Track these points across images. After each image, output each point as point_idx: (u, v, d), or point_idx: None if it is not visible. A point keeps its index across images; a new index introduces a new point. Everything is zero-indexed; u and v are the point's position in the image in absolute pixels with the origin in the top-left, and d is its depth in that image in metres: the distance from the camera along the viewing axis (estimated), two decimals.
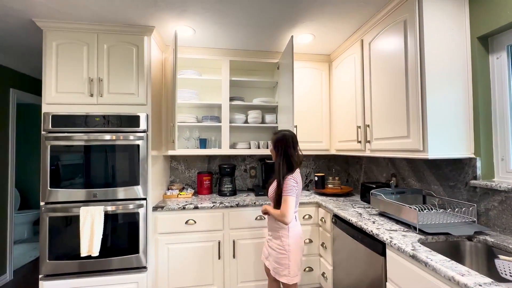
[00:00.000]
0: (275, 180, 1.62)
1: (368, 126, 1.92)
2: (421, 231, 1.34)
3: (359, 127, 2.04)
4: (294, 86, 2.05)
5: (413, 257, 1.10)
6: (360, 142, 2.02)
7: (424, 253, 1.09)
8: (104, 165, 1.84)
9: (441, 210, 1.56)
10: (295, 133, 2.27)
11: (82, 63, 1.87)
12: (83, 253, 1.72)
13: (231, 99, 2.53)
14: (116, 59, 1.91)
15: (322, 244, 2.10)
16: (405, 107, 1.52)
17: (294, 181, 1.52)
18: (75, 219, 1.77)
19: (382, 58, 1.76)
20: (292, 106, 1.99)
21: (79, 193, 1.81)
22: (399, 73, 1.57)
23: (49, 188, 1.79)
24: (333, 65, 2.56)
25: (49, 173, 1.79)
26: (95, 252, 1.73)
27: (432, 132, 1.39)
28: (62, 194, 1.80)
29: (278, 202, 1.54)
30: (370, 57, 1.90)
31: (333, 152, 2.57)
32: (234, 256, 2.06)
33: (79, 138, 1.82)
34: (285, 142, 1.59)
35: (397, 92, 1.59)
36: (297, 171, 1.60)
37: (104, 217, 1.79)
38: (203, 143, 2.54)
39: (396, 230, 1.39)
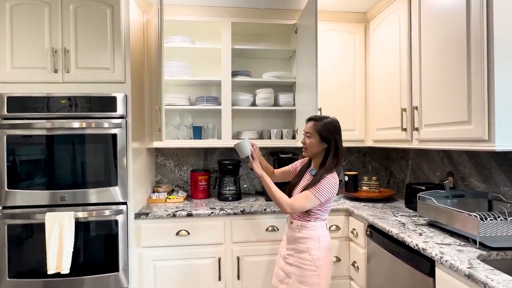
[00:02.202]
0: (301, 179, 1.73)
1: (416, 108, 1.94)
2: (483, 246, 1.37)
3: (404, 109, 2.05)
4: (318, 55, 2.08)
5: (469, 277, 1.14)
6: (405, 130, 2.05)
7: (484, 272, 1.14)
8: (72, 160, 1.95)
9: (511, 219, 1.59)
10: None
11: (43, 30, 1.96)
12: (51, 270, 1.85)
13: (234, 74, 2.58)
14: (86, 24, 1.98)
15: (353, 264, 2.17)
16: (466, 83, 1.53)
17: (336, 182, 1.61)
18: (40, 228, 1.89)
19: (436, 17, 1.76)
20: (316, 82, 2.03)
21: (43, 196, 1.93)
22: (459, 38, 1.58)
23: (6, 189, 1.91)
24: (370, 26, 2.56)
25: (6, 170, 1.91)
26: (65, 269, 1.85)
27: (501, 115, 1.41)
28: (23, 197, 1.92)
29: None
30: (420, 15, 1.90)
31: (369, 143, 2.60)
32: (238, 278, 2.15)
33: (41, 126, 1.92)
34: (338, 133, 1.66)
35: (455, 63, 1.60)
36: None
37: (75, 226, 1.90)
38: (197, 132, 2.62)
39: (449, 244, 1.43)
